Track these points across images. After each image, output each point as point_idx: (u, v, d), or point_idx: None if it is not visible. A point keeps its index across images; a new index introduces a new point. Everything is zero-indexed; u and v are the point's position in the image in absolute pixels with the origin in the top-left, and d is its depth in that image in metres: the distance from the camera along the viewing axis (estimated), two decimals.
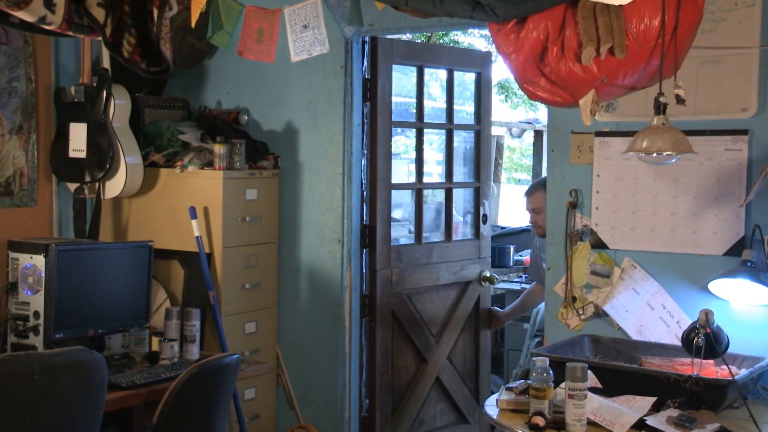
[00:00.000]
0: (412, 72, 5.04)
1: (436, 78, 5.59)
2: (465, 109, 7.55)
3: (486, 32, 4.38)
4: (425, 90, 5.01)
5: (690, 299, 3.77)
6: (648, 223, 3.88)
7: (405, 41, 5.04)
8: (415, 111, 5.11)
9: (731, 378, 3.15)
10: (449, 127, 5.28)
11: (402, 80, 5.45)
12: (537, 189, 4.80)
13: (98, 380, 3.27)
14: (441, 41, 8.78)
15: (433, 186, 5.72)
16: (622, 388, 3.28)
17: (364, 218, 4.80)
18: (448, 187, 5.30)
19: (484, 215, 5.33)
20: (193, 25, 3.50)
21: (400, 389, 4.95)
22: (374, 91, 4.75)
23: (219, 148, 4.49)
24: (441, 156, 6.46)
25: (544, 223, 4.34)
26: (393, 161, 4.91)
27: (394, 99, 4.85)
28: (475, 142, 5.37)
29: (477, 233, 5.33)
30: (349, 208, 4.68)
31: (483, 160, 5.37)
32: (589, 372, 3.20)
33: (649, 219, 3.88)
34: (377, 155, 4.78)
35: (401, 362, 4.95)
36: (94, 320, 4.00)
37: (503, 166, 8.65)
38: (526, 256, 6.60)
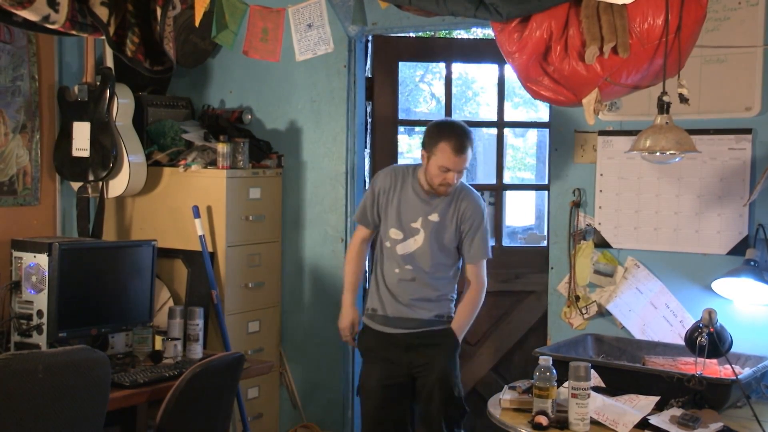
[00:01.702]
0: (412, 69, 4.97)
1: (440, 77, 5.53)
2: (469, 109, 7.53)
3: (489, 31, 4.37)
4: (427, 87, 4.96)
5: (693, 298, 3.77)
6: (651, 222, 3.88)
7: (425, 38, 4.87)
8: (416, 110, 5.08)
9: (734, 377, 3.15)
10: (501, 124, 4.92)
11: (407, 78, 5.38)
12: (468, 144, 3.87)
13: (101, 379, 3.27)
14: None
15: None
16: (625, 387, 3.28)
17: None
18: (498, 187, 4.97)
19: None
20: (196, 24, 3.50)
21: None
22: (372, 89, 4.75)
23: (222, 147, 4.49)
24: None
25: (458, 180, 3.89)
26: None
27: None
28: (550, 140, 4.63)
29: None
30: (353, 208, 4.68)
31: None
32: (593, 371, 3.20)
33: (652, 218, 3.88)
34: (376, 154, 4.78)
35: None
36: (97, 319, 4.00)
37: (507, 165, 8.68)
38: None
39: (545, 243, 4.54)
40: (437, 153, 3.83)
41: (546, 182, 4.42)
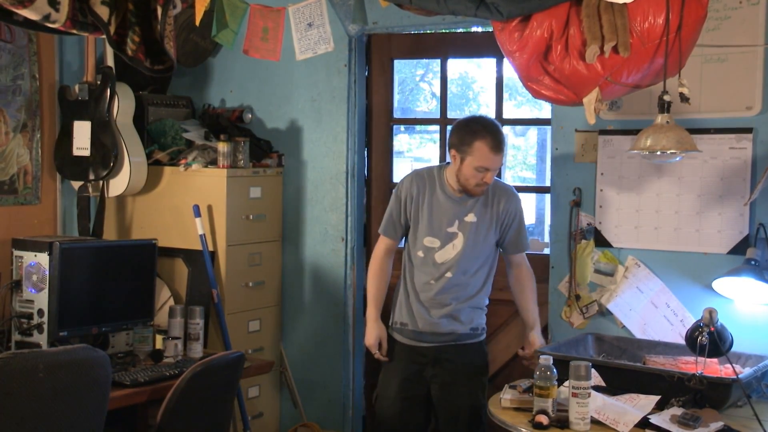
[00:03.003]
0: (413, 68, 4.86)
1: (437, 74, 5.45)
2: (470, 109, 7.49)
3: (490, 30, 4.34)
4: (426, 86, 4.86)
5: (694, 298, 3.77)
6: (652, 221, 3.88)
7: (418, 35, 4.68)
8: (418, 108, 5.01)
9: (735, 376, 3.15)
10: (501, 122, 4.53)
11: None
12: (504, 139, 3.74)
13: (102, 378, 3.27)
14: None
15: None
16: (625, 386, 3.28)
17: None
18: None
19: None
20: (197, 23, 3.50)
21: None
22: (370, 88, 4.73)
23: (223, 147, 4.49)
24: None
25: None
26: (395, 160, 4.88)
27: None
28: (552, 139, 4.42)
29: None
30: (353, 207, 4.68)
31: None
32: (593, 370, 3.20)
33: (653, 217, 3.87)
34: (372, 153, 4.76)
35: None
36: (98, 318, 4.00)
37: (507, 164, 8.68)
38: None
39: (548, 251, 4.47)
40: (473, 153, 3.65)
41: (546, 183, 4.40)
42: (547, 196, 4.26)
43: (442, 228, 3.78)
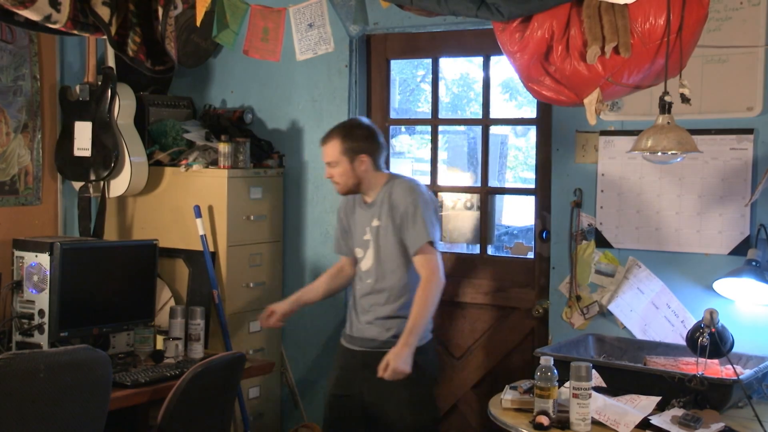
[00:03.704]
0: (414, 69, 4.82)
1: (441, 76, 5.42)
2: (471, 109, 7.48)
3: (480, 28, 4.32)
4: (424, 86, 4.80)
5: (695, 298, 3.76)
6: (653, 222, 3.87)
7: (411, 34, 4.54)
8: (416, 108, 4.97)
9: (736, 377, 3.15)
10: (486, 123, 4.58)
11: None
12: (332, 137, 3.81)
13: (103, 378, 3.27)
14: None
15: (455, 189, 5.25)
16: (626, 387, 3.28)
17: None
18: (484, 191, 4.59)
19: (544, 230, 4.25)
20: (198, 23, 3.51)
21: None
22: (369, 88, 4.73)
23: (224, 147, 4.49)
24: (445, 155, 6.33)
25: (342, 178, 3.77)
26: (396, 160, 4.87)
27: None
28: (537, 137, 4.41)
29: (536, 251, 4.34)
30: None
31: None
32: (594, 371, 3.19)
33: (653, 218, 3.87)
34: None
35: None
36: (98, 318, 4.00)
37: (508, 165, 8.67)
38: None
39: (531, 255, 4.42)
40: None
41: (534, 186, 4.41)
42: (549, 198, 4.21)
43: (360, 237, 3.87)
